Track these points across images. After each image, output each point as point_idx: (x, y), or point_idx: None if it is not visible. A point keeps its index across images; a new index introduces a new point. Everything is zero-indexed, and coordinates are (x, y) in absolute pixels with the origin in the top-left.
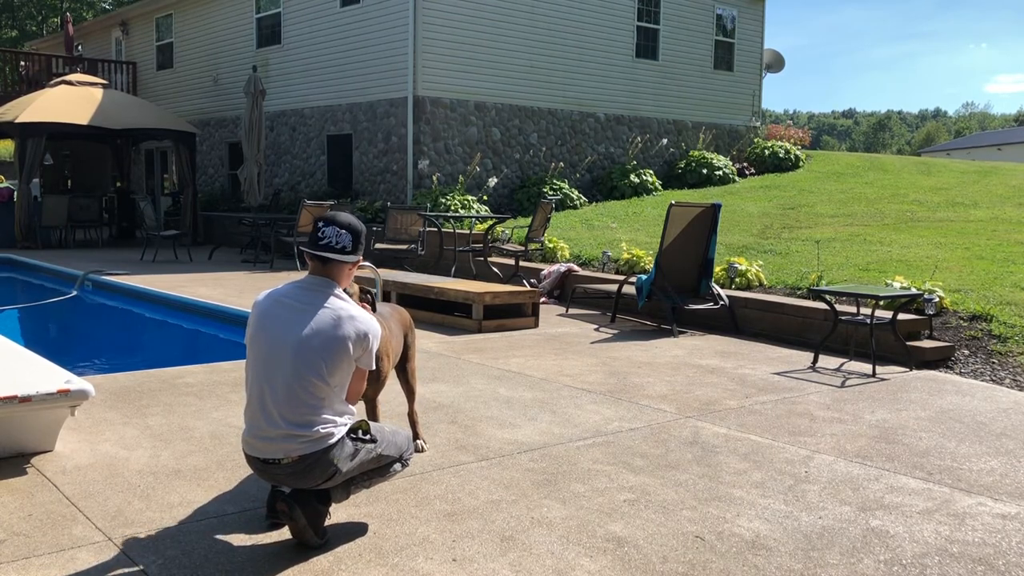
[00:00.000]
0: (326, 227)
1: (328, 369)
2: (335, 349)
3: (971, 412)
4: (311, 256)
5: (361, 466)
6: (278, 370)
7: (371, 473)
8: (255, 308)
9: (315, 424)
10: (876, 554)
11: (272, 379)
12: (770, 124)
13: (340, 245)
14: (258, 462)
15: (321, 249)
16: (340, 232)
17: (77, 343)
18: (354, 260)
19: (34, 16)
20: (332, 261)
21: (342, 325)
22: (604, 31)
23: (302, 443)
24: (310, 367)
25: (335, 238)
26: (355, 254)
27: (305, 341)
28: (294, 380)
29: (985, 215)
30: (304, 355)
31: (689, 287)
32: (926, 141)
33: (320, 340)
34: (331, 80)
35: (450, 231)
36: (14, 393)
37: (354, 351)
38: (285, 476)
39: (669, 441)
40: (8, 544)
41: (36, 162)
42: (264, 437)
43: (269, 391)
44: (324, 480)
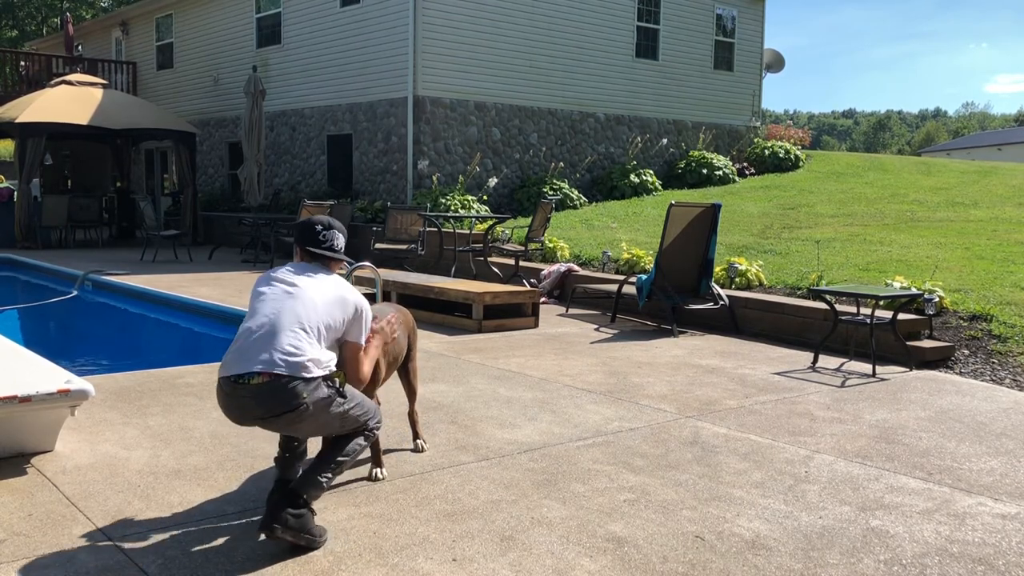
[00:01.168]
0: (327, 231)
1: (320, 325)
2: (328, 311)
3: (971, 412)
4: (312, 255)
5: (328, 420)
6: (271, 319)
7: (338, 449)
8: (255, 288)
9: (297, 356)
10: (876, 554)
11: (264, 324)
12: (770, 124)
13: (338, 248)
14: (228, 384)
15: (325, 250)
16: (336, 235)
17: (77, 343)
18: (342, 260)
19: (34, 16)
20: (332, 260)
21: (339, 292)
22: (604, 31)
23: (279, 363)
24: (302, 319)
25: (333, 241)
26: (342, 254)
27: (300, 300)
28: (287, 326)
29: (985, 215)
30: (298, 310)
31: (689, 287)
32: (926, 141)
33: (315, 300)
34: (331, 80)
35: (450, 231)
36: (14, 393)
37: (347, 319)
38: (251, 398)
39: (669, 441)
40: (8, 544)
41: (36, 162)
42: (243, 355)
43: (259, 330)
44: (288, 410)
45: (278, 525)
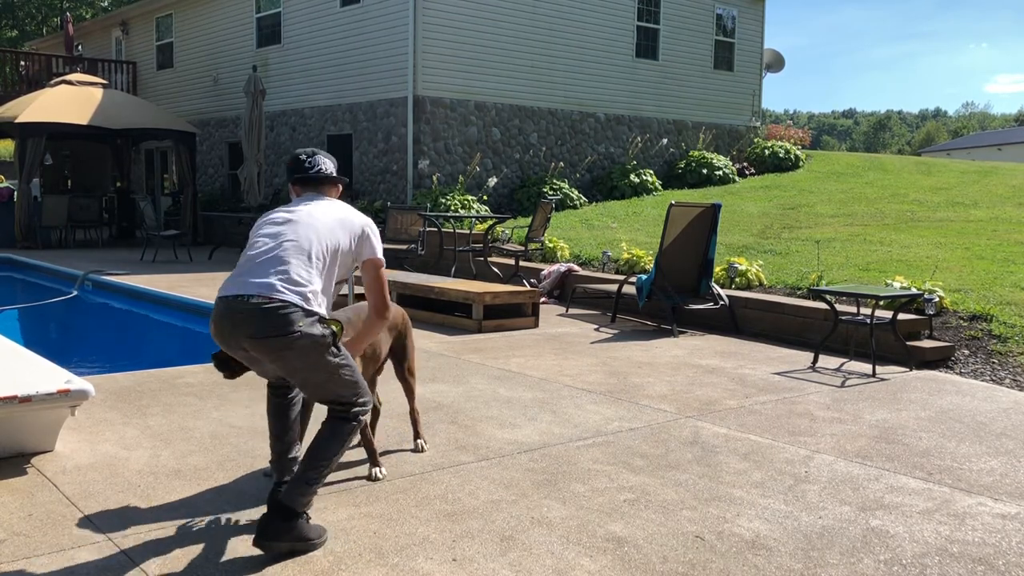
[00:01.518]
0: (312, 157)
1: (323, 249)
2: (331, 233)
3: (971, 412)
4: (303, 182)
5: (317, 365)
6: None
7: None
8: (262, 218)
9: (297, 285)
10: (876, 554)
11: (264, 252)
12: (770, 124)
13: (329, 171)
14: (223, 302)
15: (315, 175)
16: (323, 160)
17: (77, 343)
18: (340, 181)
19: (34, 16)
20: (324, 182)
21: (340, 214)
22: (604, 31)
23: (278, 288)
24: (304, 244)
25: (321, 165)
26: (338, 176)
27: (300, 224)
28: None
29: (985, 215)
30: (300, 233)
31: (689, 287)
32: (926, 141)
33: (316, 225)
34: (331, 80)
35: (450, 231)
36: (14, 393)
37: (354, 239)
38: (245, 315)
39: (669, 441)
40: (8, 544)
41: (36, 162)
42: (243, 278)
43: (259, 256)
44: (280, 334)
45: (271, 541)
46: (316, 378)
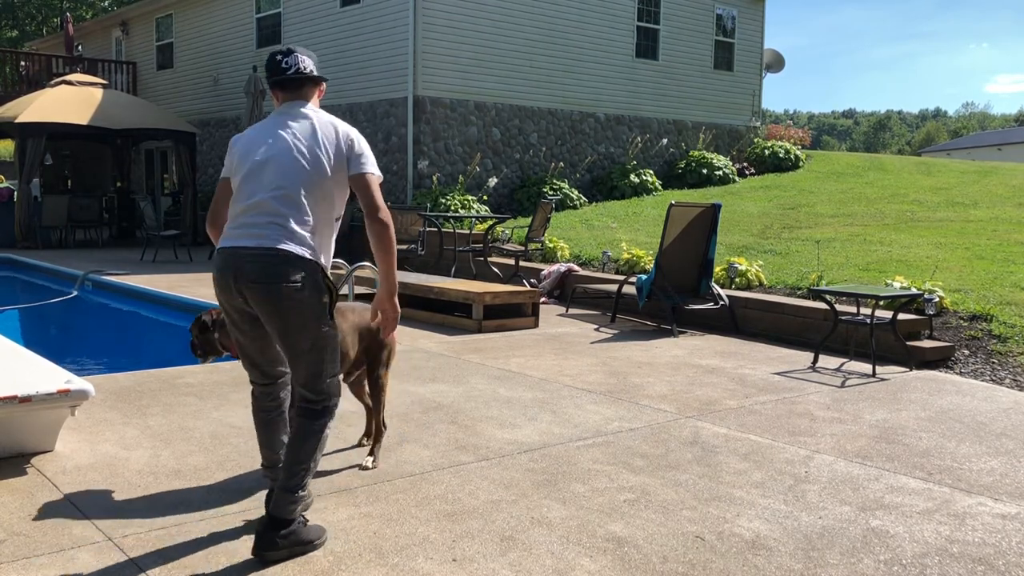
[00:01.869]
0: (287, 56)
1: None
2: (319, 162)
3: (971, 412)
4: (281, 85)
5: (307, 328)
6: (265, 196)
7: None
8: (233, 147)
9: (300, 235)
10: (876, 554)
11: (257, 202)
12: (770, 124)
13: (308, 68)
14: (224, 253)
15: (293, 75)
16: (301, 58)
17: (77, 343)
18: (322, 79)
19: (34, 16)
20: (305, 82)
21: (319, 129)
22: (604, 31)
23: (281, 238)
24: (296, 186)
25: (299, 64)
26: (319, 75)
27: (287, 162)
28: (282, 200)
29: (985, 215)
30: (289, 174)
31: (689, 287)
32: (926, 141)
33: (303, 156)
34: (331, 80)
35: (450, 231)
36: (14, 393)
37: (339, 153)
38: (247, 262)
39: (669, 441)
40: (8, 544)
41: (36, 162)
42: (242, 230)
43: (253, 206)
44: (284, 281)
45: (268, 551)
46: (304, 343)
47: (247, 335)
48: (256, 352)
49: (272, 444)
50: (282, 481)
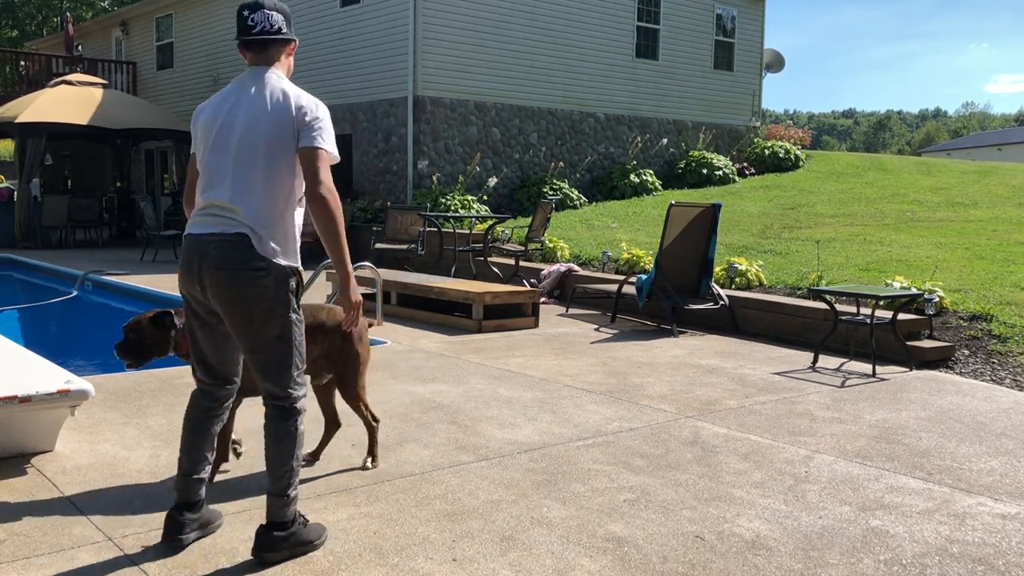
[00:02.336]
0: (253, 13)
1: (275, 147)
2: (281, 138)
3: (971, 412)
4: (245, 46)
5: (272, 323)
6: (229, 179)
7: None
8: (196, 120)
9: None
10: (876, 554)
11: (221, 186)
12: (770, 124)
13: (276, 27)
14: (190, 239)
15: (257, 35)
16: (270, 14)
17: (77, 343)
18: (291, 39)
19: (34, 16)
20: (271, 44)
21: (277, 97)
22: (604, 31)
23: (246, 223)
24: (256, 167)
25: (267, 21)
26: (290, 32)
27: (247, 140)
28: (245, 183)
29: (985, 215)
30: (246, 153)
31: (689, 287)
32: (926, 141)
33: (263, 133)
34: (331, 80)
35: (450, 231)
36: (14, 393)
37: (297, 125)
38: (212, 248)
39: (669, 441)
40: (8, 544)
41: (36, 162)
42: (207, 217)
43: (217, 192)
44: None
45: (268, 552)
46: (270, 330)
47: (205, 327)
48: (210, 349)
49: (196, 450)
50: (270, 486)
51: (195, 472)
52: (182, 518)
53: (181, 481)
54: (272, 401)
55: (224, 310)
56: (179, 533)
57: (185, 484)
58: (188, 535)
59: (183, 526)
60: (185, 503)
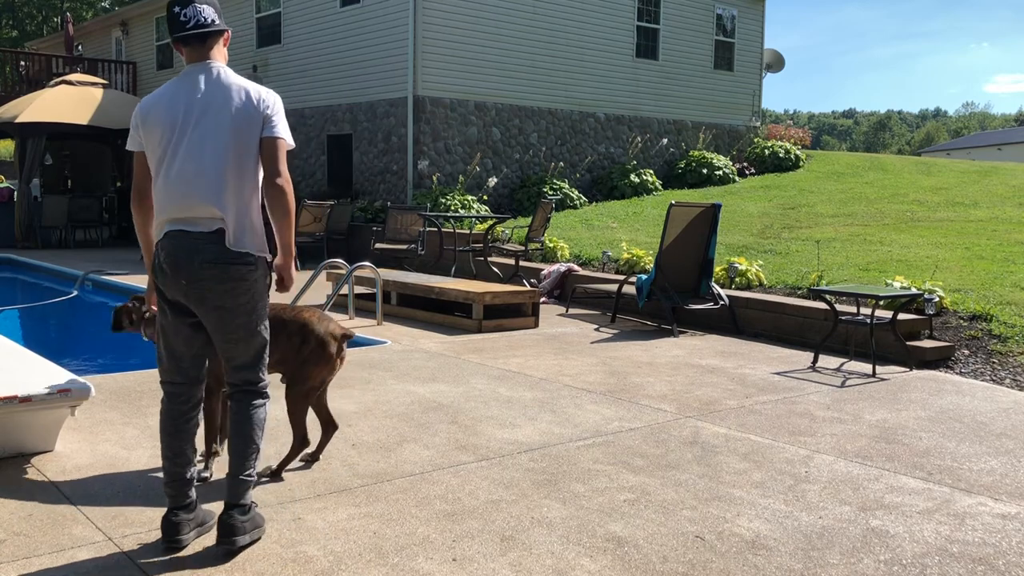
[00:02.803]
0: (184, 8)
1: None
2: (240, 133)
3: (971, 412)
4: (182, 42)
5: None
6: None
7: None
8: (146, 118)
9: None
10: (876, 554)
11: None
12: (770, 124)
13: (209, 19)
14: (172, 238)
15: (192, 30)
16: (200, 8)
17: (77, 343)
18: (224, 29)
19: (34, 16)
20: (208, 36)
21: (236, 92)
22: (604, 31)
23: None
24: (228, 149)
25: (199, 15)
26: (223, 23)
27: (209, 135)
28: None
29: (985, 215)
30: (218, 136)
31: (689, 287)
32: (926, 141)
33: (223, 127)
34: (331, 80)
35: (450, 231)
36: (14, 393)
37: (259, 115)
38: (201, 245)
39: (669, 441)
40: (8, 544)
41: (36, 162)
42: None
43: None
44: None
45: (236, 537)
46: (249, 322)
47: (179, 323)
48: (182, 344)
49: (181, 455)
50: (235, 469)
51: (182, 475)
52: (178, 519)
53: (170, 486)
54: (247, 387)
55: (212, 304)
56: (177, 534)
57: (175, 489)
58: (187, 535)
59: (180, 526)
60: (178, 506)
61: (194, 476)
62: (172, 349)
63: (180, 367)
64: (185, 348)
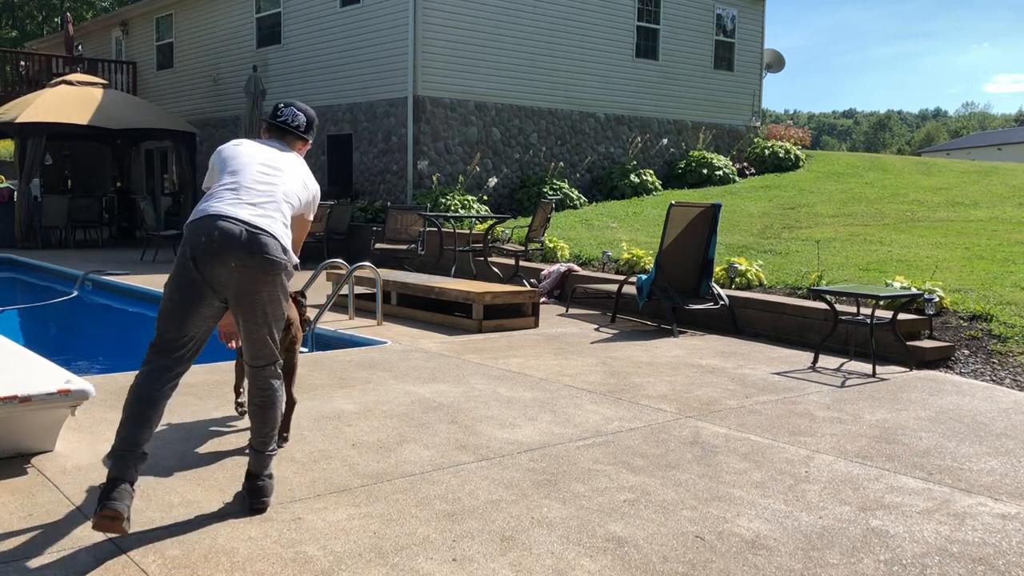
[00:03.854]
0: (286, 108)
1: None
2: (300, 192)
3: (971, 412)
4: (272, 128)
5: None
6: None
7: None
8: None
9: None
10: (876, 554)
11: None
12: (770, 124)
13: (296, 124)
14: (221, 220)
15: (281, 124)
16: (297, 114)
17: (77, 343)
18: (307, 139)
19: (34, 16)
20: (288, 135)
21: (305, 176)
22: (604, 31)
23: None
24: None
25: (292, 117)
26: (307, 135)
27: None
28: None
29: (985, 215)
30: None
31: (689, 287)
32: (926, 141)
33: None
34: (331, 80)
35: (450, 231)
36: (14, 393)
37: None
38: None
39: (669, 441)
40: (8, 544)
41: (36, 162)
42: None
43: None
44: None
45: (266, 497)
46: (278, 311)
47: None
48: (197, 324)
49: (147, 424)
50: (261, 446)
51: (140, 445)
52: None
53: (121, 456)
54: (274, 369)
55: (249, 292)
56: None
57: (124, 460)
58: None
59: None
60: (120, 478)
61: (148, 453)
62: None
63: (178, 335)
64: (185, 320)
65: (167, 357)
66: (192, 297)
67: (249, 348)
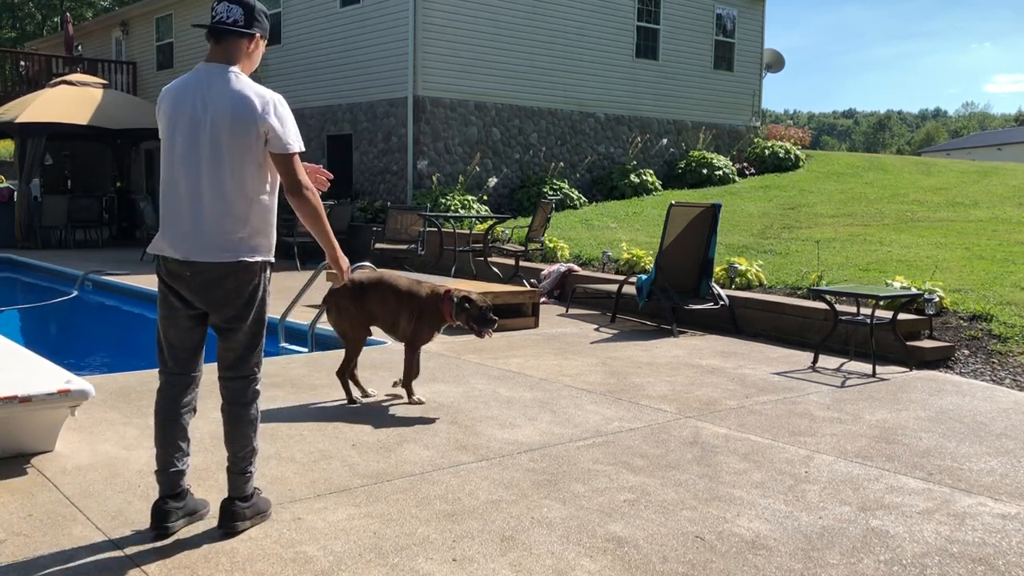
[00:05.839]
0: (218, 4)
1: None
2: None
3: (971, 412)
4: (207, 35)
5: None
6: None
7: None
8: (161, 104)
9: (245, 230)
10: (876, 554)
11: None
12: (770, 124)
13: (231, 19)
14: (176, 264)
15: (216, 25)
16: (231, 7)
17: (77, 343)
18: (249, 35)
19: (34, 16)
20: (227, 36)
21: (237, 107)
22: (604, 31)
23: (233, 244)
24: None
25: (226, 13)
26: (249, 28)
27: (213, 150)
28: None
29: (985, 215)
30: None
31: (689, 287)
32: (926, 141)
33: (225, 137)
34: (331, 80)
35: (450, 231)
36: (14, 393)
37: (258, 129)
38: (210, 282)
39: (669, 441)
40: (8, 544)
41: (36, 162)
42: (190, 241)
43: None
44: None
45: (237, 522)
46: (244, 333)
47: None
48: (185, 339)
49: (170, 445)
50: (234, 466)
51: (173, 465)
52: (167, 507)
53: (161, 474)
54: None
55: (224, 309)
56: (165, 521)
57: (165, 478)
58: (175, 523)
59: (169, 514)
60: (168, 494)
61: (186, 467)
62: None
63: (179, 358)
64: (187, 340)
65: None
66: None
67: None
